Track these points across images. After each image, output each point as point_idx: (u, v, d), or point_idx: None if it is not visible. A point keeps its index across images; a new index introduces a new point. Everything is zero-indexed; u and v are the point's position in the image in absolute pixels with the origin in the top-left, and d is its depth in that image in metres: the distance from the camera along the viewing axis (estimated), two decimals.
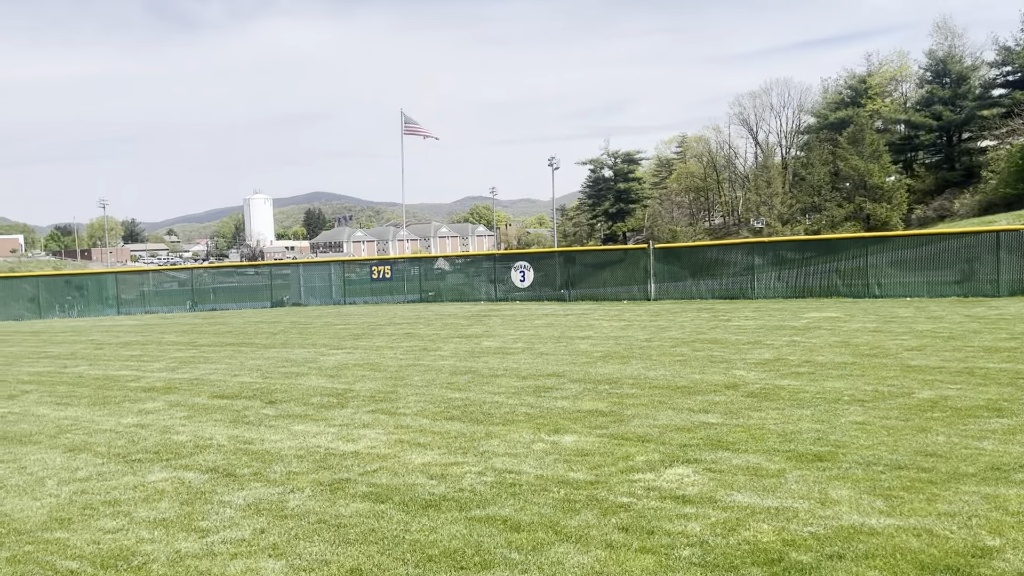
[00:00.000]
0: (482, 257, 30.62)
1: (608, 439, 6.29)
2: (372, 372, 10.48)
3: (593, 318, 17.53)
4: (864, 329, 12.89)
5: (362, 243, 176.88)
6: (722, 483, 4.97)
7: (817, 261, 21.19)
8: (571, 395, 8.27)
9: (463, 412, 7.61)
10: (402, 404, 8.14)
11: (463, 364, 10.92)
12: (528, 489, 5.01)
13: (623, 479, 5.16)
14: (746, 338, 12.55)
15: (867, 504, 4.45)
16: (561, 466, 5.54)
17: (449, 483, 5.21)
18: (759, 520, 4.26)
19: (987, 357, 9.40)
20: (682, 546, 3.94)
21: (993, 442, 5.66)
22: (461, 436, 6.60)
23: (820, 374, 8.85)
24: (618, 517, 4.41)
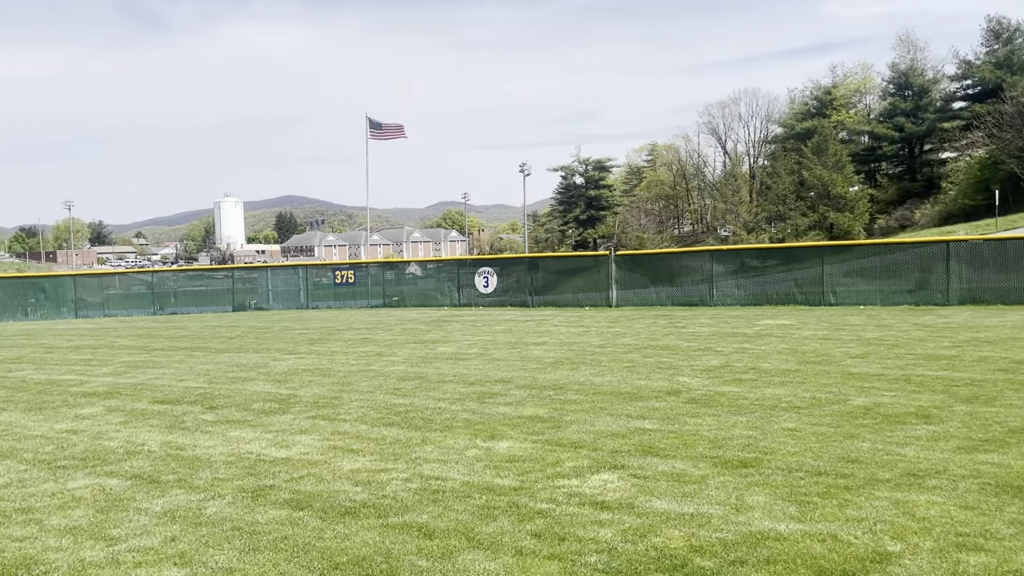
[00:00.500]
0: (447, 263, 30.58)
1: (542, 445, 6.31)
2: (320, 378, 10.41)
3: (552, 324, 17.57)
4: (814, 337, 13.05)
5: (334, 247, 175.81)
6: (643, 489, 5.00)
7: (775, 269, 21.44)
8: (515, 401, 8.27)
9: (403, 418, 7.59)
10: (344, 410, 8.09)
11: (413, 370, 10.89)
12: (451, 496, 5.00)
13: (547, 485, 5.17)
14: (697, 344, 12.65)
15: (780, 510, 4.50)
16: (489, 472, 5.54)
17: (373, 490, 5.19)
18: (672, 526, 4.29)
19: (926, 365, 9.56)
20: (590, 552, 3.96)
21: (915, 448, 5.75)
22: (396, 442, 6.58)
23: (763, 381, 8.94)
24: (534, 523, 4.42)
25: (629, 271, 23.43)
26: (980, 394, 7.64)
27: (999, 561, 3.65)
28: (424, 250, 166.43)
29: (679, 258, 24.65)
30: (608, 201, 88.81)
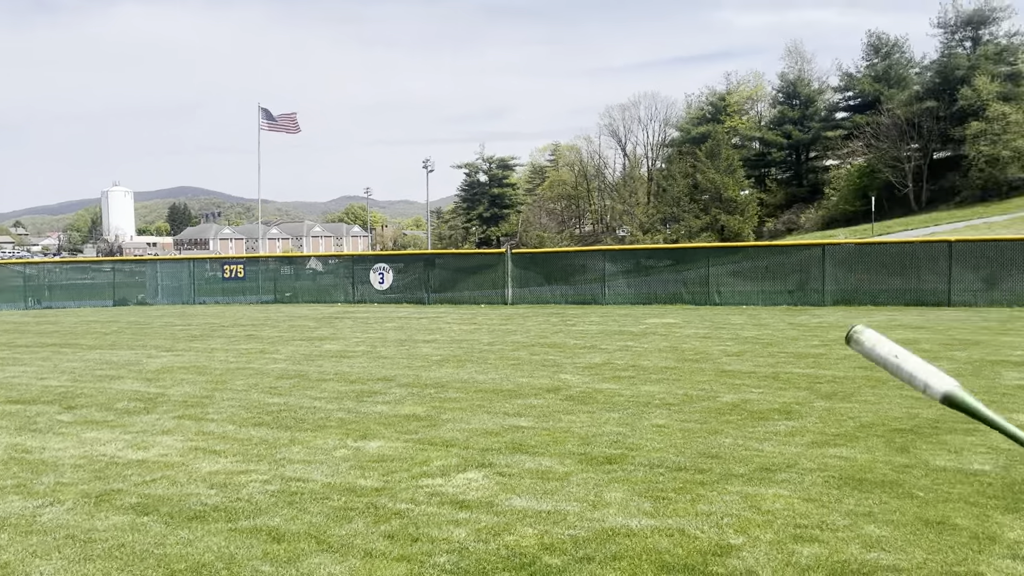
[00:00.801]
0: (343, 258, 30.03)
1: (414, 444, 6.23)
2: (195, 376, 10.03)
3: (445, 321, 17.50)
4: (695, 335, 13.42)
5: (230, 241, 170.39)
6: (506, 487, 4.99)
7: (665, 270, 21.98)
8: (393, 400, 8.16)
9: (274, 418, 7.37)
10: (213, 409, 7.81)
11: (294, 368, 10.63)
12: (309, 498, 4.87)
13: (411, 485, 5.10)
14: (584, 342, 12.81)
15: (635, 506, 4.57)
16: (354, 473, 5.43)
17: (228, 493, 5.00)
18: (527, 524, 4.29)
19: (795, 363, 9.95)
20: (440, 553, 3.91)
21: (772, 444, 5.95)
22: (262, 443, 6.38)
23: (640, 378, 9.11)
24: (389, 524, 4.34)
25: (525, 269, 23.57)
26: (839, 391, 8.00)
27: (830, 551, 3.80)
28: (325, 245, 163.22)
29: (573, 257, 24.97)
30: (511, 199, 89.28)
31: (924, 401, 7.38)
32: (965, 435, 6.01)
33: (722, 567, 3.65)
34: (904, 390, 7.84)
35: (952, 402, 2.01)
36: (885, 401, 7.39)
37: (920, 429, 6.26)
